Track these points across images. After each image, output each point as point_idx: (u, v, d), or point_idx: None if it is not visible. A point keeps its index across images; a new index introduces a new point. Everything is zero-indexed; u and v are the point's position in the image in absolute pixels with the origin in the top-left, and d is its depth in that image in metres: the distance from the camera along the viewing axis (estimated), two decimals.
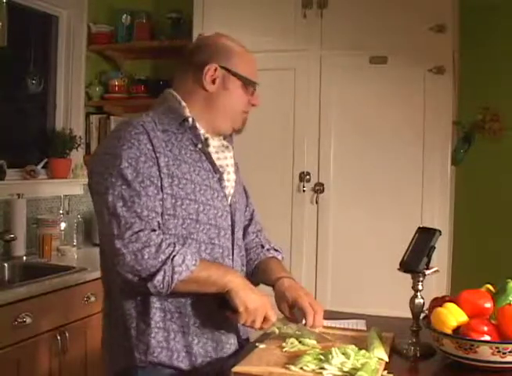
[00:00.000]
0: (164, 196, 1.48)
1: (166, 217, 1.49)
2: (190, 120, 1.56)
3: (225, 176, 1.62)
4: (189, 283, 1.44)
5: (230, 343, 1.60)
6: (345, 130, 3.02)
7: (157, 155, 1.48)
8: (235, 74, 1.59)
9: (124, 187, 1.44)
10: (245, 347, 1.63)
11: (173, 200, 1.49)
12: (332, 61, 3.03)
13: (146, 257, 1.40)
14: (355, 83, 3.01)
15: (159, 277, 1.40)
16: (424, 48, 2.88)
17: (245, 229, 1.79)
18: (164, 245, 1.42)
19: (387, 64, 2.95)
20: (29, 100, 3.39)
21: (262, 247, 1.81)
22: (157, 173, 1.47)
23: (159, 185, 1.47)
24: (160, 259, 1.40)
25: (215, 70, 1.58)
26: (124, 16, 3.64)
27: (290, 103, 3.08)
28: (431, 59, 2.87)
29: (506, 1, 3.13)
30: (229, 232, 1.61)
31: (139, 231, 1.42)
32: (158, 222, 1.47)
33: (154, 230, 1.44)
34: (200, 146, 1.57)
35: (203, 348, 1.54)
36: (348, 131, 3.02)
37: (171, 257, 1.41)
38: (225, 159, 1.64)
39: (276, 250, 1.83)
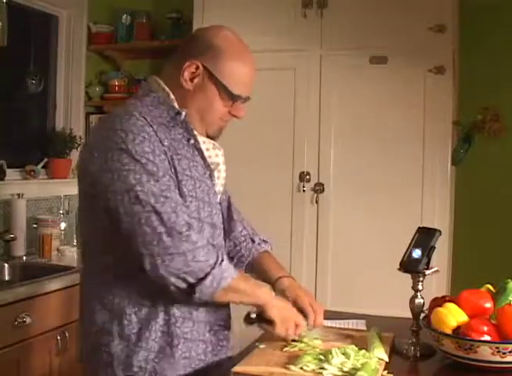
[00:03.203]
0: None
1: None
2: (183, 114, 1.47)
3: (216, 174, 1.56)
4: (229, 292, 1.39)
5: (225, 345, 1.57)
6: (345, 130, 3.02)
7: (165, 148, 1.41)
8: (216, 80, 1.47)
9: (152, 183, 1.35)
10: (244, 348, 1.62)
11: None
12: (332, 61, 3.03)
13: (196, 259, 1.34)
14: (355, 83, 3.01)
15: (207, 282, 1.34)
16: (424, 48, 2.88)
17: (228, 216, 1.72)
18: (210, 246, 1.38)
19: (387, 64, 2.95)
20: (29, 100, 3.39)
21: (253, 241, 1.74)
22: (169, 166, 1.40)
23: (174, 178, 1.41)
24: (209, 263, 1.35)
25: (197, 67, 1.46)
26: (124, 16, 3.63)
27: (290, 103, 3.08)
28: (431, 59, 2.87)
29: (506, 0, 3.13)
30: (222, 230, 1.58)
31: (187, 230, 1.35)
32: (193, 217, 1.43)
33: (194, 228, 1.38)
34: (192, 141, 1.49)
35: (203, 353, 1.49)
36: (348, 131, 3.02)
37: (219, 261, 1.37)
38: (216, 157, 1.55)
39: (265, 241, 1.77)
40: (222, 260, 1.38)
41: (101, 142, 1.41)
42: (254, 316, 1.50)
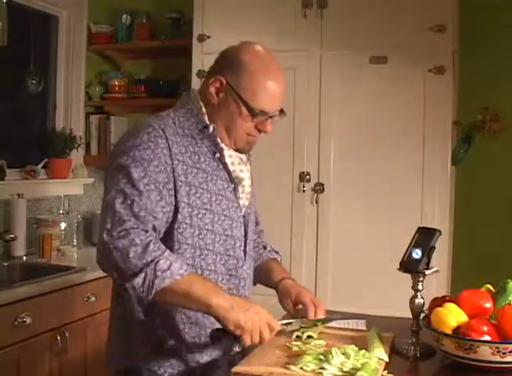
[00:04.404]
0: (182, 205, 1.47)
1: (183, 226, 1.48)
2: (211, 128, 1.53)
3: (240, 188, 1.60)
4: (170, 293, 1.36)
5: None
6: (345, 130, 3.02)
7: (175, 162, 1.47)
8: (237, 96, 1.51)
9: (128, 185, 1.41)
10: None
11: (189, 209, 1.48)
12: (332, 61, 3.03)
13: (130, 255, 1.34)
14: (355, 83, 3.01)
15: (139, 279, 1.33)
16: (424, 48, 2.88)
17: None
18: (151, 246, 1.36)
19: (387, 64, 2.95)
20: (29, 100, 3.39)
21: (265, 248, 1.83)
22: (166, 180, 1.45)
23: (163, 192, 1.44)
24: (144, 260, 1.34)
25: (221, 83, 1.52)
26: (124, 16, 3.63)
27: (290, 103, 3.08)
28: (431, 59, 2.87)
29: (505, 0, 3.13)
30: (243, 242, 1.61)
31: (130, 229, 1.38)
32: (154, 225, 1.42)
33: (146, 231, 1.40)
34: (217, 155, 1.55)
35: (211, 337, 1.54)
36: (348, 131, 3.02)
37: (156, 260, 1.35)
38: (241, 172, 1.60)
39: (276, 252, 1.86)
40: (160, 259, 1.35)
41: (119, 144, 1.52)
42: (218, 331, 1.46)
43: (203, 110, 1.55)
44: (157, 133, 1.47)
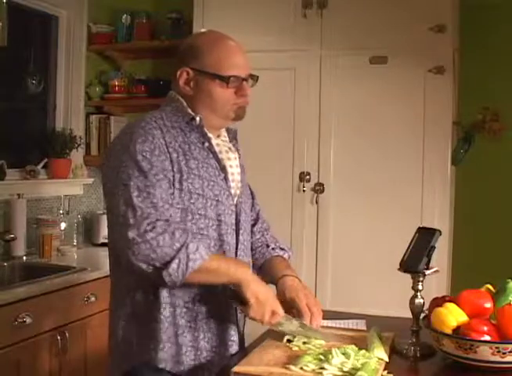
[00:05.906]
0: (175, 191, 1.51)
1: (177, 211, 1.51)
2: (198, 119, 1.59)
3: (230, 177, 1.63)
4: (202, 272, 1.45)
5: (232, 340, 1.61)
6: (345, 130, 3.03)
7: (170, 150, 1.52)
8: (205, 74, 1.58)
9: (140, 178, 1.46)
10: (245, 345, 1.65)
11: (182, 195, 1.51)
12: (332, 61, 3.04)
13: (160, 244, 1.41)
14: (355, 83, 3.01)
15: (174, 265, 1.41)
16: (424, 48, 2.88)
17: (251, 228, 1.80)
18: (177, 234, 1.44)
19: (387, 64, 2.95)
20: (29, 100, 3.39)
21: (267, 246, 1.81)
22: (170, 167, 1.50)
23: (171, 179, 1.50)
24: (174, 247, 1.42)
25: (187, 73, 1.60)
26: (124, 16, 3.63)
27: (290, 103, 3.08)
28: (431, 59, 2.87)
29: (506, 0, 3.13)
30: (234, 230, 1.63)
31: (156, 221, 1.44)
32: (171, 214, 1.49)
33: (168, 220, 1.46)
34: (206, 144, 1.60)
35: (208, 343, 1.56)
36: (348, 131, 3.02)
37: (186, 245, 1.43)
38: (228, 160, 1.65)
39: (283, 248, 1.83)
40: (188, 243, 1.43)
41: (114, 143, 1.58)
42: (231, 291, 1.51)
43: (185, 104, 1.61)
44: (151, 125, 1.53)
